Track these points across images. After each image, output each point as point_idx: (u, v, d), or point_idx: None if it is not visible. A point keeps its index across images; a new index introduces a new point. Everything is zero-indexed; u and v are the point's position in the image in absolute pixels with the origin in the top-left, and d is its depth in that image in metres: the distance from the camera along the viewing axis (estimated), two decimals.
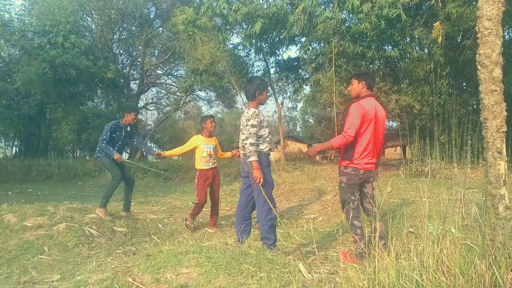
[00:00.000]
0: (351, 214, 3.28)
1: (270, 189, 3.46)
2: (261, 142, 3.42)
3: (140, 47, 20.44)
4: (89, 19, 19.58)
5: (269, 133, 3.50)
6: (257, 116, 3.38)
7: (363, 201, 3.43)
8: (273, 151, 3.60)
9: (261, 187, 3.32)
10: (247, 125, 3.36)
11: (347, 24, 8.62)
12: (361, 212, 3.43)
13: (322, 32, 8.00)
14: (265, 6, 8.94)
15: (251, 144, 3.31)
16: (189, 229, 5.10)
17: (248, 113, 3.41)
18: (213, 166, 5.07)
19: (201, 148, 4.96)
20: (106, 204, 5.03)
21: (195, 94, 23.56)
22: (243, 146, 3.49)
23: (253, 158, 3.29)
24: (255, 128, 3.34)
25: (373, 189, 3.49)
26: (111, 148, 5.05)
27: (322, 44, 9.54)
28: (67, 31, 14.72)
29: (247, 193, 3.58)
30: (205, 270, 2.55)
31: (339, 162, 3.43)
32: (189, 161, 15.63)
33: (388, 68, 9.65)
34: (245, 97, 3.62)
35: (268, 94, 3.73)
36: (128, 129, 5.41)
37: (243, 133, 3.44)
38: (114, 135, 5.17)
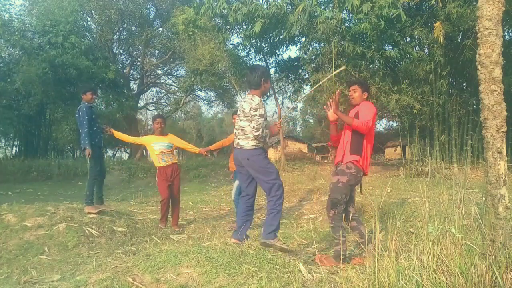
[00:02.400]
0: (338, 217, 3.22)
1: (277, 175, 3.38)
2: None
3: (140, 47, 20.44)
4: (89, 19, 19.57)
5: (266, 126, 3.40)
6: (263, 106, 3.27)
7: (348, 205, 3.34)
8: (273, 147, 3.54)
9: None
10: (255, 115, 3.21)
11: (347, 24, 8.62)
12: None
13: (322, 32, 8.00)
14: (265, 6, 8.94)
15: (262, 134, 3.22)
16: (162, 228, 5.15)
17: (253, 100, 3.25)
18: (171, 163, 5.18)
19: (153, 146, 5.15)
20: (92, 200, 4.99)
21: (195, 94, 23.57)
22: (235, 134, 3.41)
23: (270, 142, 3.26)
24: (263, 119, 3.23)
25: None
26: (87, 141, 4.88)
27: (322, 44, 9.54)
28: (67, 31, 14.70)
29: (252, 184, 3.51)
30: (205, 270, 2.55)
31: (342, 159, 3.28)
32: (189, 161, 15.64)
33: (388, 68, 9.65)
34: (248, 84, 3.48)
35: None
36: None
37: (240, 119, 3.32)
38: (94, 116, 5.03)
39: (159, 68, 23.32)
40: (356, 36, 8.63)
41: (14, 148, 19.71)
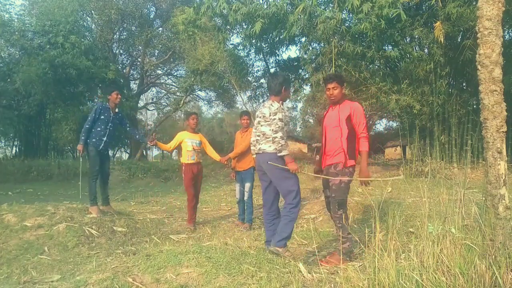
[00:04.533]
0: (345, 216, 3.28)
1: (296, 182, 3.35)
2: None
3: (140, 47, 20.45)
4: (89, 19, 19.57)
5: (286, 131, 3.39)
6: (283, 110, 3.30)
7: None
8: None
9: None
10: (274, 119, 3.25)
11: (347, 24, 8.62)
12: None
13: (322, 32, 8.00)
14: (265, 6, 8.94)
15: (282, 138, 3.20)
16: (191, 228, 5.17)
17: (273, 105, 3.31)
18: (198, 161, 5.29)
19: (186, 142, 5.21)
20: (95, 200, 5.01)
21: (195, 94, 23.57)
22: (256, 141, 3.46)
23: (285, 152, 3.21)
24: (283, 123, 3.25)
25: None
26: (82, 138, 4.94)
27: (322, 44, 9.54)
28: (67, 31, 14.70)
29: (270, 191, 3.47)
30: (205, 270, 2.55)
31: (346, 162, 3.31)
32: None
33: (388, 68, 9.65)
34: (268, 91, 3.54)
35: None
36: (117, 110, 5.31)
37: (261, 125, 3.37)
38: (102, 117, 5.07)
39: (159, 68, 23.33)
40: (356, 36, 8.63)
41: (14, 148, 19.71)
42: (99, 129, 5.06)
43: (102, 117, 5.08)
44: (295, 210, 3.28)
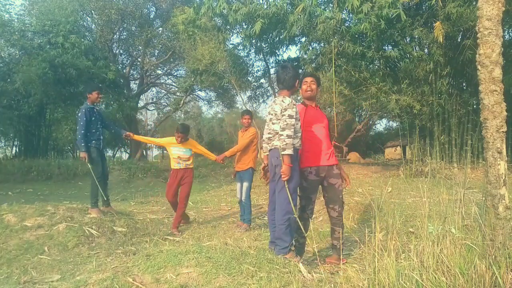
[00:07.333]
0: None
1: (296, 185, 3.22)
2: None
3: (140, 47, 20.43)
4: (89, 19, 19.56)
5: (300, 127, 3.26)
6: (294, 106, 3.11)
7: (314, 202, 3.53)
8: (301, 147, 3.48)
9: (286, 185, 3.07)
10: (283, 115, 3.06)
11: (347, 24, 8.62)
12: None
13: (322, 32, 8.00)
14: (265, 6, 8.94)
15: (288, 136, 3.00)
16: (177, 235, 4.84)
17: (284, 101, 3.10)
18: (185, 167, 5.23)
19: (171, 150, 5.24)
20: (97, 203, 5.01)
21: (195, 94, 23.56)
22: (268, 139, 3.24)
23: (289, 151, 2.99)
24: (293, 119, 3.06)
25: None
26: (83, 144, 4.89)
27: (322, 44, 9.54)
28: (67, 31, 14.70)
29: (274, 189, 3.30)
30: (205, 270, 2.55)
31: (338, 164, 3.43)
32: None
33: (388, 68, 9.65)
34: (279, 84, 3.34)
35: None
36: (98, 108, 5.32)
37: (273, 123, 3.17)
38: (93, 118, 5.04)
39: (159, 68, 23.30)
40: (356, 36, 8.63)
41: (14, 148, 19.71)
42: (93, 130, 5.03)
43: (93, 118, 5.05)
44: (286, 218, 3.12)
